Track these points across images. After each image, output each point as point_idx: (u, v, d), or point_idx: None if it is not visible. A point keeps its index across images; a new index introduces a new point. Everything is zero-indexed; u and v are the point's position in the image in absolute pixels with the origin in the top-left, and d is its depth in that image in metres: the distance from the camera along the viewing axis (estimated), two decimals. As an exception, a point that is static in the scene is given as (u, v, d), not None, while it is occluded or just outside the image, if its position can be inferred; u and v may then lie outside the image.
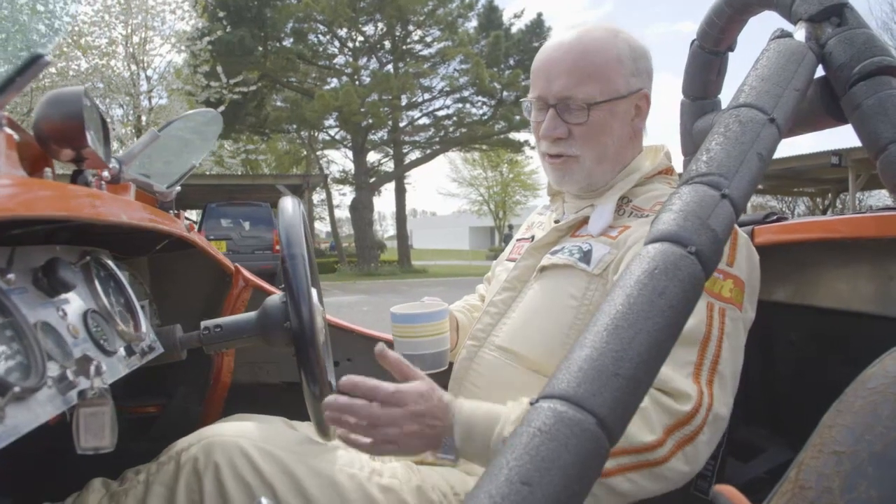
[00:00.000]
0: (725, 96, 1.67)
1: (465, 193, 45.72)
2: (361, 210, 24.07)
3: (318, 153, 30.45)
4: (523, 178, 42.55)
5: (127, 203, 1.02)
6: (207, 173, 18.94)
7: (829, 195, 24.14)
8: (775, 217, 1.45)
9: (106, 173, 1.08)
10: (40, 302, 0.84)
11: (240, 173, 26.52)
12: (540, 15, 25.16)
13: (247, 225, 14.90)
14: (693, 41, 1.58)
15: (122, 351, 0.99)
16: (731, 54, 1.60)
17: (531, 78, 1.30)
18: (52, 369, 0.76)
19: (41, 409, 0.71)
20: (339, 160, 43.70)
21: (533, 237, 1.41)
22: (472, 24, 25.42)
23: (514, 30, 25.27)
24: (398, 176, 26.49)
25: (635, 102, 1.28)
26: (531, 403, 0.60)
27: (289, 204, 1.18)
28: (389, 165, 27.39)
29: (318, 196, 31.75)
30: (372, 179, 25.73)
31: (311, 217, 23.52)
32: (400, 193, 26.59)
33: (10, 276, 0.77)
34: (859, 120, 1.11)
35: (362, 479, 1.08)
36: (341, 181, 30.49)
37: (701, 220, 0.79)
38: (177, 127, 1.39)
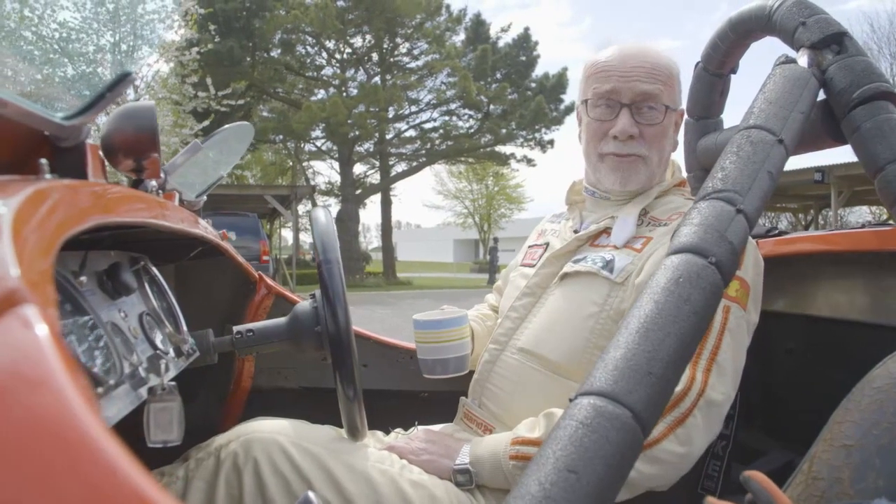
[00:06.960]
0: (728, 116, 1.76)
1: (450, 206, 45.79)
2: (347, 222, 24.00)
3: (305, 164, 30.45)
4: (508, 192, 42.71)
5: (182, 212, 1.07)
6: (194, 183, 18.83)
7: (812, 211, 24.34)
8: (777, 232, 1.53)
9: (153, 183, 1.13)
10: (105, 304, 0.88)
11: (225, 183, 26.41)
12: (527, 29, 25.49)
13: (233, 235, 14.79)
14: (697, 63, 1.66)
15: (172, 352, 1.04)
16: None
17: (596, 77, 1.35)
18: (126, 367, 0.81)
19: (122, 405, 0.76)
20: (325, 171, 43.59)
21: (547, 244, 1.47)
22: (460, 37, 25.69)
23: (500, 44, 25.53)
24: (384, 188, 26.51)
25: (676, 119, 1.39)
26: (570, 400, 0.66)
27: (321, 213, 1.23)
28: (375, 177, 27.44)
29: (303, 207, 31.69)
30: (358, 191, 25.74)
31: (297, 228, 23.43)
32: (385, 205, 26.59)
33: (83, 278, 0.82)
34: (858, 142, 1.19)
35: (394, 474, 1.13)
36: (327, 192, 30.45)
37: (719, 233, 0.86)
38: (217, 140, 1.44)
